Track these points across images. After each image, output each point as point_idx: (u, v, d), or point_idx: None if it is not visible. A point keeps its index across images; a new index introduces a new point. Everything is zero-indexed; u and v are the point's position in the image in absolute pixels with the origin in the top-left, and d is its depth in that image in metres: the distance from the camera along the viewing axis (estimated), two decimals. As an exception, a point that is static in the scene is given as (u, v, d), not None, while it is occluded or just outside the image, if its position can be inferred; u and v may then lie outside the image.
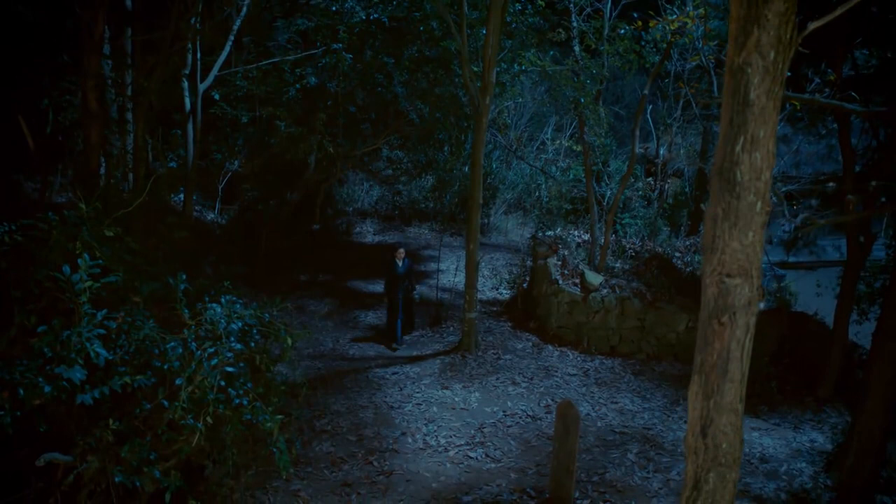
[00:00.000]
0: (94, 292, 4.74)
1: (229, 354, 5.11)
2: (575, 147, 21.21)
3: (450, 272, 14.74)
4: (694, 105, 14.79)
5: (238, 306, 5.36)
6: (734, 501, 3.00)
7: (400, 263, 10.99)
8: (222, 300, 5.33)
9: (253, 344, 5.43)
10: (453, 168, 14.73)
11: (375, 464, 7.64)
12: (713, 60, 10.03)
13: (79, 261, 4.50)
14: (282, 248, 14.64)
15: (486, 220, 20.16)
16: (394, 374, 10.06)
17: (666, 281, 11.33)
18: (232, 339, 5.22)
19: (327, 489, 7.11)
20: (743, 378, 2.82)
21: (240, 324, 5.33)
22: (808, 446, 8.51)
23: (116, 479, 4.60)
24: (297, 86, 13.21)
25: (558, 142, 22.91)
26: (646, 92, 11.62)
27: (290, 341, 5.52)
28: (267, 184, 14.98)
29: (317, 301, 13.29)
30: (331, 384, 9.58)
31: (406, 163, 16.64)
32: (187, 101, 12.33)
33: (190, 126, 12.77)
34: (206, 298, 5.36)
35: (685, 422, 8.97)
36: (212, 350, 5.07)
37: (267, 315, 5.49)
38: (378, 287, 14.53)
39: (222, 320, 5.12)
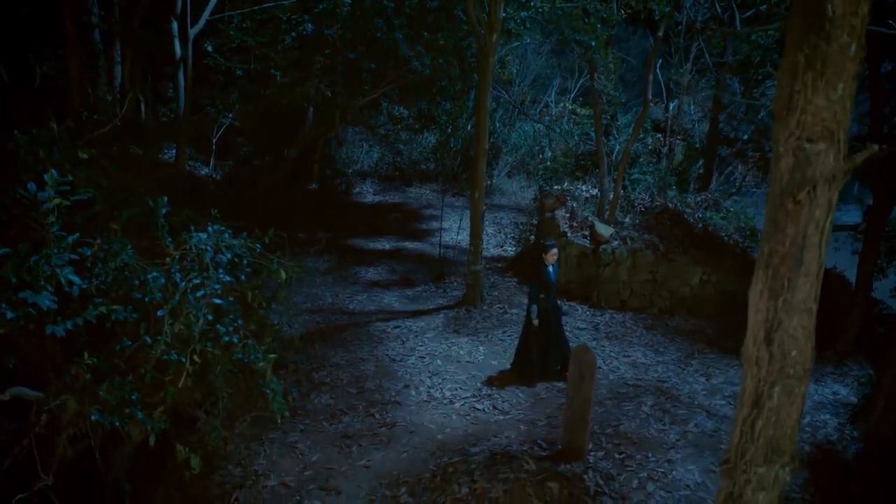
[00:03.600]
0: (64, 215, 4.27)
1: (217, 286, 4.67)
2: (579, 110, 20.61)
3: (452, 230, 14.30)
4: (706, 54, 14.20)
5: (227, 236, 4.90)
6: (800, 420, 2.56)
7: (551, 268, 7.99)
8: (209, 229, 4.87)
9: (244, 277, 4.98)
10: (457, 119, 14.13)
11: (377, 416, 7.25)
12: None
13: (45, 176, 4.02)
14: (279, 205, 14.15)
15: (489, 182, 19.64)
16: (395, 328, 9.64)
17: (679, 232, 10.87)
18: (220, 270, 4.77)
19: (326, 441, 6.73)
20: (820, 270, 2.36)
21: (229, 255, 4.88)
22: (830, 399, 8.12)
23: (93, 418, 4.18)
24: (293, 34, 12.61)
25: (562, 104, 22.33)
26: (660, 34, 11.03)
27: (284, 275, 5.07)
28: (263, 138, 14.44)
29: (315, 258, 12.83)
30: (330, 337, 9.18)
31: (408, 118, 16.05)
32: (177, 45, 11.74)
33: (181, 75, 12.21)
34: (192, 228, 4.90)
35: (701, 375, 8.62)
36: (198, 281, 4.63)
37: (259, 245, 5.03)
38: (380, 244, 14.11)
39: (209, 249, 4.66)
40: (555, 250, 8.00)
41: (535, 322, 7.88)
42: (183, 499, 5.74)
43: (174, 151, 13.38)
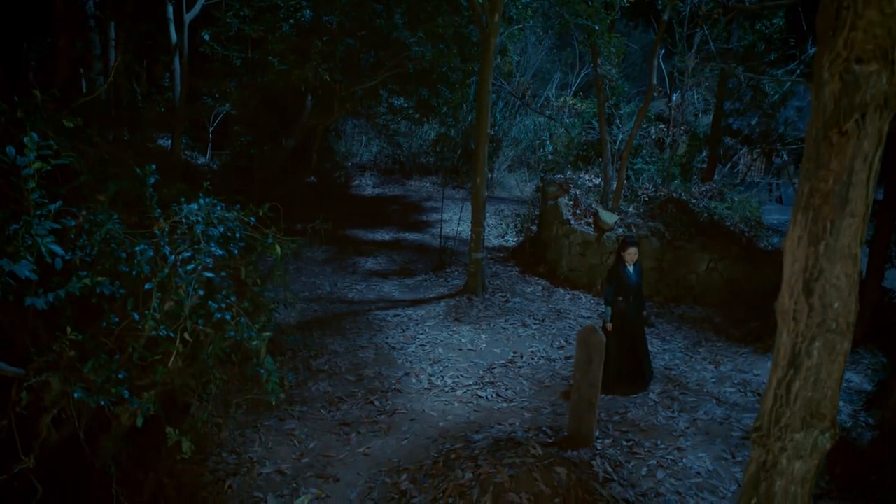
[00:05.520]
0: (45, 182, 4.04)
1: (208, 260, 4.43)
2: (580, 104, 20.41)
3: (453, 222, 14.10)
4: (710, 42, 13.98)
5: (219, 208, 4.67)
6: (842, 380, 2.34)
7: (631, 268, 7.18)
8: (201, 201, 4.64)
9: (236, 251, 4.75)
10: (458, 109, 13.90)
11: (377, 403, 7.03)
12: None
13: (24, 139, 3.79)
14: (277, 196, 13.91)
15: (490, 176, 19.43)
16: (395, 316, 9.42)
17: (685, 220, 10.64)
18: (212, 244, 4.54)
19: (324, 428, 6.51)
20: (867, 212, 2.13)
21: (221, 228, 4.64)
22: (843, 386, 7.89)
23: (76, 395, 3.94)
24: (291, 21, 12.35)
25: (563, 98, 22.10)
26: (664, 18, 10.80)
27: (279, 251, 4.84)
28: (261, 128, 14.20)
29: (314, 248, 12.61)
30: (328, 326, 8.96)
31: (407, 109, 15.82)
32: (172, 31, 11.50)
33: (177, 61, 11.99)
34: (183, 200, 4.67)
35: (709, 362, 8.39)
36: (188, 255, 4.40)
37: (253, 219, 4.80)
38: (379, 235, 13.88)
39: (200, 221, 4.43)
40: (633, 248, 7.10)
41: (609, 326, 7.09)
42: (175, 486, 5.52)
43: (170, 142, 13.16)
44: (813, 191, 2.12)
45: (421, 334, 8.85)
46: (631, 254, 7.11)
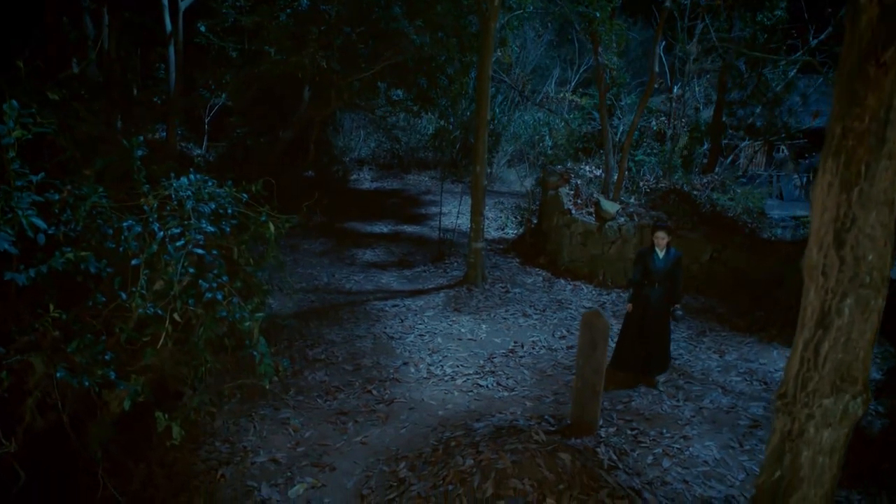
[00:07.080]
0: (31, 160, 3.87)
1: (199, 237, 4.25)
2: (579, 100, 20.25)
3: (451, 215, 13.93)
4: (711, 31, 13.81)
5: (210, 184, 4.50)
6: (875, 341, 2.17)
7: (661, 254, 6.89)
8: (191, 177, 4.46)
9: (228, 229, 4.57)
10: (457, 99, 13.71)
11: (375, 392, 6.86)
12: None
13: (4, 106, 3.61)
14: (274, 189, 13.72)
15: (489, 170, 19.27)
16: (394, 306, 9.25)
17: (688, 209, 10.47)
18: (203, 221, 4.36)
19: (321, 417, 6.33)
20: (905, 154, 1.95)
21: (213, 205, 4.47)
22: (851, 375, 7.73)
23: (58, 375, 3.77)
24: (289, 10, 12.17)
25: (562, 94, 21.96)
26: (667, 5, 10.63)
27: (272, 229, 4.66)
28: (258, 120, 14.02)
29: (311, 240, 12.45)
30: (325, 316, 8.79)
31: (406, 101, 15.64)
32: (167, 19, 11.32)
33: (171, 50, 11.81)
34: (172, 175, 4.49)
35: (714, 352, 8.22)
36: (177, 231, 4.22)
37: (245, 195, 4.62)
38: (378, 228, 13.70)
39: (190, 196, 4.25)
40: (661, 232, 6.80)
41: (629, 307, 7.05)
42: (165, 475, 5.34)
43: (164, 134, 12.98)
44: (846, 131, 1.95)
45: (420, 324, 8.68)
46: (659, 237, 6.85)
